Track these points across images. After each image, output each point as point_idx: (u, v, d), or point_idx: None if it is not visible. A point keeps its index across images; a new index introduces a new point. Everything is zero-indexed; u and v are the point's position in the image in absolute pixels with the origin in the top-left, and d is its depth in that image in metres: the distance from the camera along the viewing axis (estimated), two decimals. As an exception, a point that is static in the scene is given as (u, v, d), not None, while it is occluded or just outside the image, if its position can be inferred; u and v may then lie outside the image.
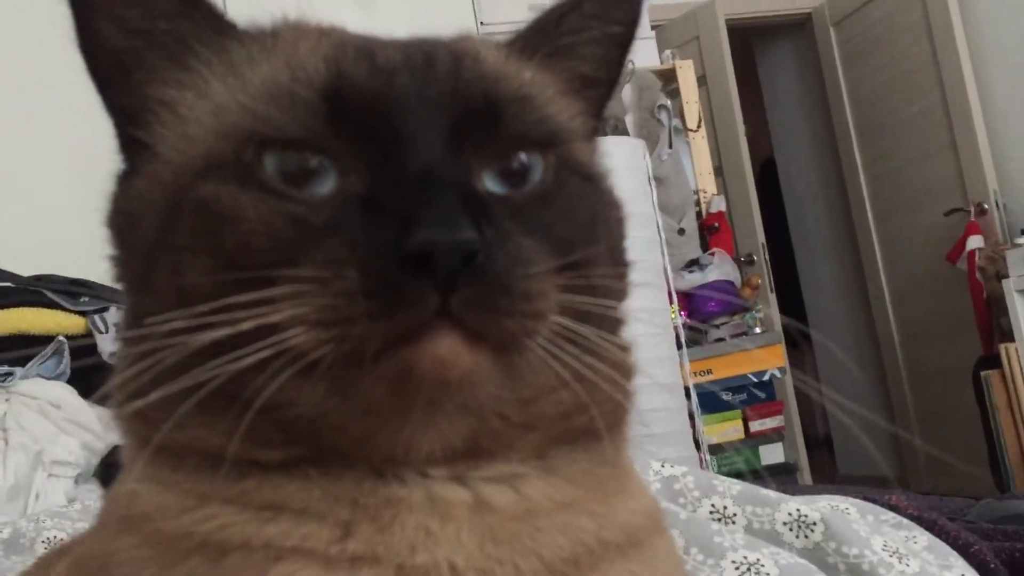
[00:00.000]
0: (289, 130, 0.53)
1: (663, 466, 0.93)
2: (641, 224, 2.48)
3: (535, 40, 0.63)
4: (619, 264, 0.62)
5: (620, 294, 0.61)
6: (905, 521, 0.89)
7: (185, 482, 0.53)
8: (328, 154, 0.53)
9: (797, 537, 0.82)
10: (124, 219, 0.58)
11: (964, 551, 0.84)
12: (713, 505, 0.87)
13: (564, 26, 0.64)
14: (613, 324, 0.59)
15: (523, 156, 0.56)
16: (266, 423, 0.50)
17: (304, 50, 0.57)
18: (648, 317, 2.42)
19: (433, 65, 0.56)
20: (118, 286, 0.60)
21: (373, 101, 0.53)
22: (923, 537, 0.85)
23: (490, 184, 0.55)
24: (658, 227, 2.51)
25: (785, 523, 0.83)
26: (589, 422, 0.55)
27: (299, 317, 0.48)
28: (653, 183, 2.55)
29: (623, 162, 2.48)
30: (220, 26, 0.60)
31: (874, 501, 0.94)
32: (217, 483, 0.52)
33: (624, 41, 0.66)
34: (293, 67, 0.55)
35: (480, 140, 0.55)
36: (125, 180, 0.59)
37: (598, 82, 0.66)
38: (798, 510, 0.83)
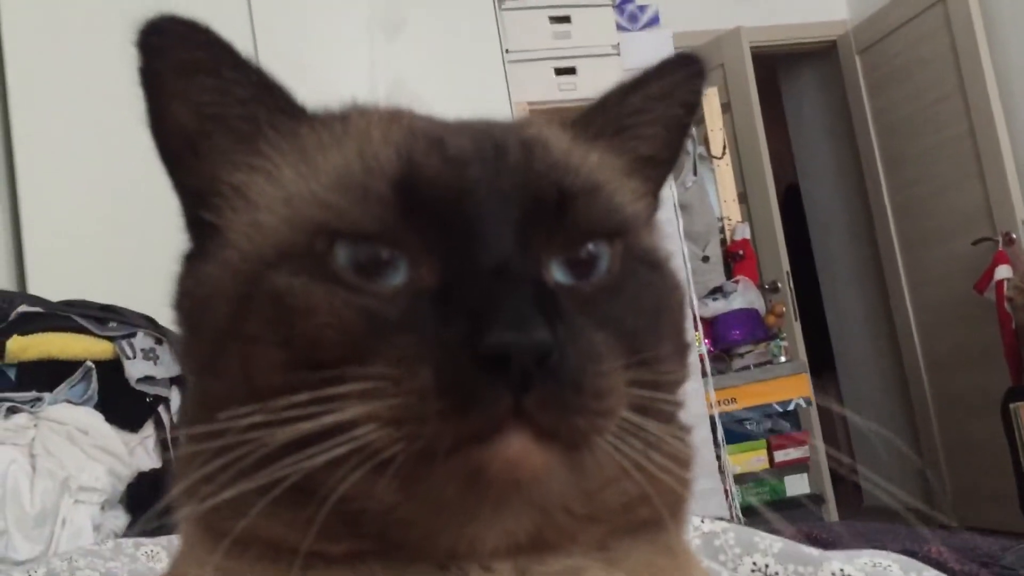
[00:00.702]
0: (362, 223, 0.52)
1: (703, 521, 0.92)
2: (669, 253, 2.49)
3: (599, 120, 0.64)
4: (681, 349, 0.61)
5: (682, 380, 0.61)
6: (949, 580, 0.88)
7: (248, 573, 0.52)
8: (400, 247, 0.52)
9: (841, 598, 0.81)
10: (192, 303, 0.57)
11: (1009, 611, 0.83)
12: (755, 563, 0.86)
13: (628, 106, 0.65)
14: (674, 412, 0.59)
15: (591, 246, 0.56)
16: (334, 517, 0.49)
17: (376, 138, 0.57)
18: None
19: (504, 155, 0.55)
20: (183, 368, 0.61)
21: (445, 194, 0.53)
22: (969, 597, 0.84)
23: (558, 275, 0.55)
24: (683, 256, 2.49)
25: (829, 582, 0.82)
26: (651, 512, 0.55)
27: (371, 414, 0.47)
28: (678, 210, 2.54)
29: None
30: (293, 110, 0.60)
31: (913, 554, 0.92)
32: (280, 574, 0.51)
33: (686, 123, 0.67)
34: (365, 157, 0.55)
35: (550, 230, 0.54)
36: (193, 262, 0.59)
37: (659, 163, 0.66)
38: (841, 570, 0.81)
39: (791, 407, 3.75)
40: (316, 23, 3.21)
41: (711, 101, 4.07)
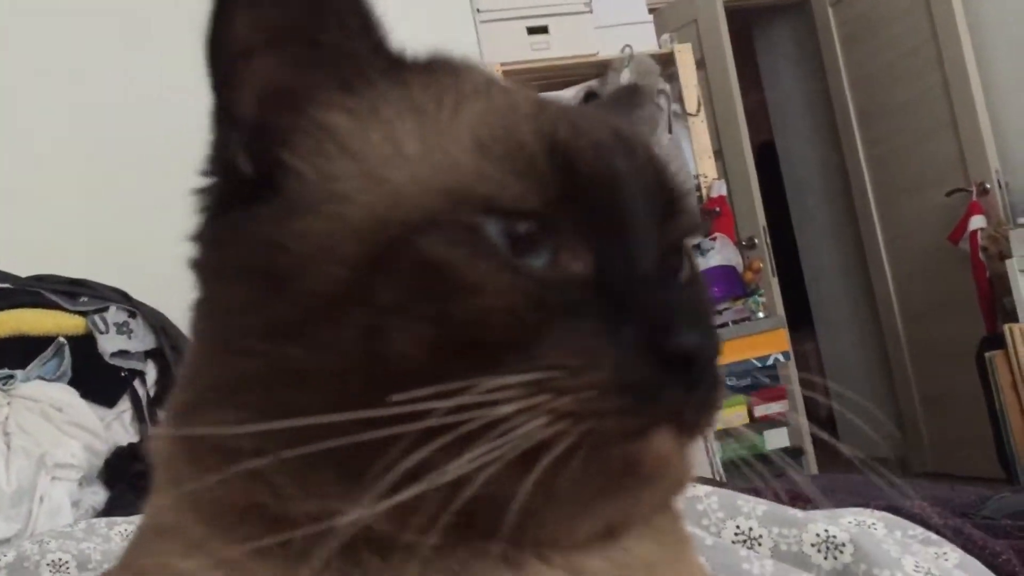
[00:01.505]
0: (525, 200, 0.49)
1: None
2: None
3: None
4: None
5: None
6: (934, 536, 0.87)
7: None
8: (552, 229, 0.50)
9: (826, 559, 0.80)
10: (277, 257, 0.49)
11: (993, 564, 0.83)
12: (738, 527, 0.85)
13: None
14: None
15: (687, 243, 0.58)
16: (431, 502, 0.47)
17: (506, 106, 0.53)
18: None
19: (633, 149, 0.54)
20: (216, 329, 0.52)
21: (598, 181, 0.51)
22: (954, 554, 0.83)
23: None
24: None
25: (813, 544, 0.81)
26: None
27: (551, 407, 0.45)
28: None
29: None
30: (391, 52, 0.55)
31: (897, 511, 0.92)
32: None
33: None
34: (504, 126, 0.51)
35: (670, 228, 0.54)
36: (257, 208, 0.51)
37: None
38: (826, 531, 0.81)
39: (770, 362, 3.77)
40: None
41: (685, 58, 4.03)
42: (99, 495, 2.23)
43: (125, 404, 2.42)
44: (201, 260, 0.54)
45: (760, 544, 0.83)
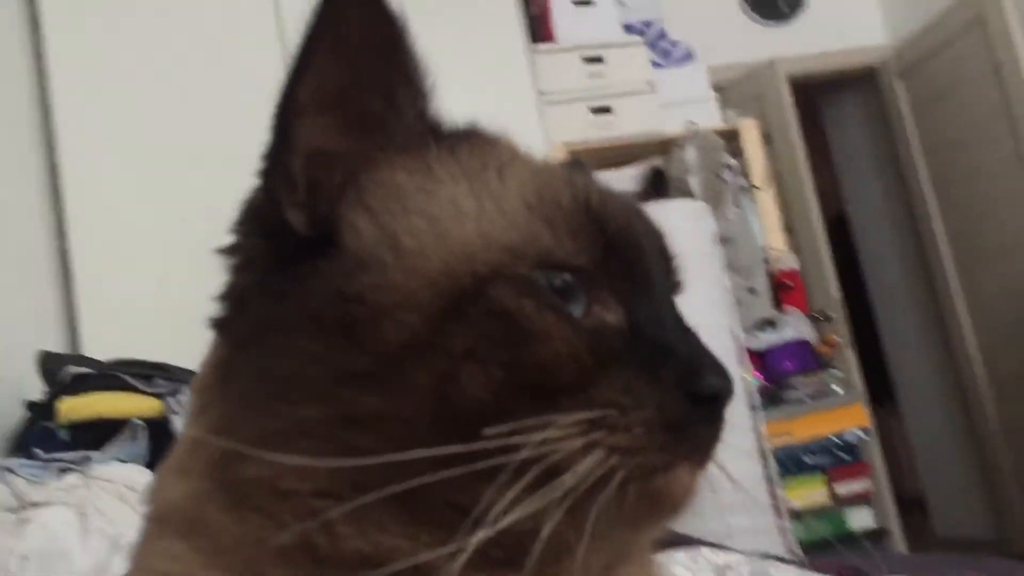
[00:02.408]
0: (577, 257, 0.55)
1: (716, 554, 0.89)
2: (707, 286, 2.44)
3: None
4: None
5: None
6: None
7: None
8: (590, 283, 0.55)
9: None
10: (352, 309, 0.52)
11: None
12: None
13: None
14: None
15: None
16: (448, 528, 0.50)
17: (544, 173, 0.59)
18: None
19: (645, 217, 0.62)
20: (257, 380, 0.54)
21: (628, 241, 0.57)
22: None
23: None
24: (725, 288, 2.46)
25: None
26: None
27: (604, 442, 0.50)
28: (719, 244, 2.51)
29: (687, 224, 2.45)
30: (443, 122, 0.60)
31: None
32: None
33: None
34: (547, 190, 0.57)
35: (671, 287, 0.62)
36: (322, 264, 0.54)
37: None
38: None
39: (849, 439, 3.66)
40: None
41: (750, 132, 4.04)
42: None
43: (198, 484, 2.45)
44: (250, 315, 0.55)
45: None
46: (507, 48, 3.43)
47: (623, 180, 3.89)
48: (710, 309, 2.41)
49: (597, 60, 3.85)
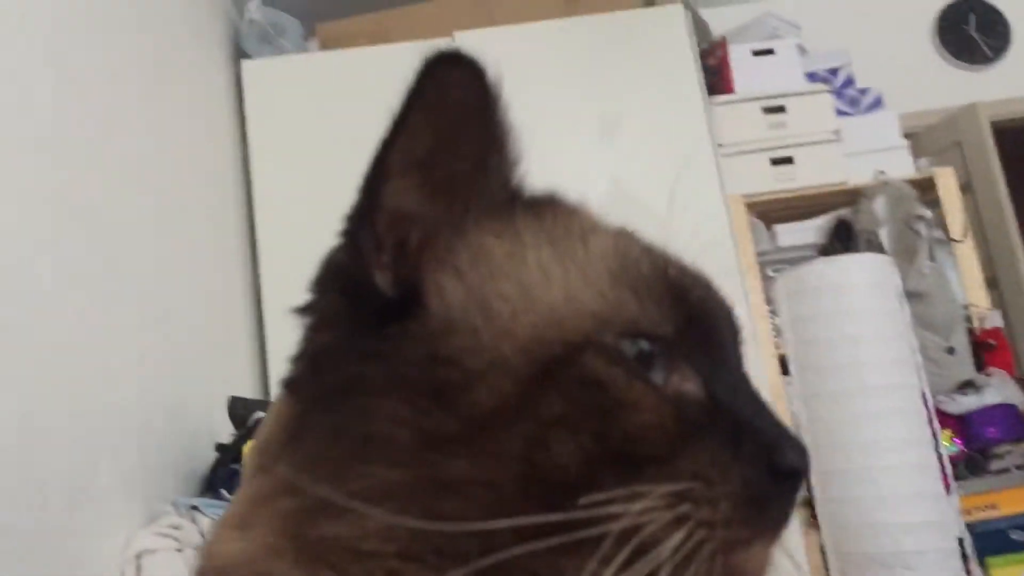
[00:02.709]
0: (661, 327, 0.55)
1: None
2: (893, 345, 2.29)
3: None
4: None
5: None
6: None
7: None
8: (671, 353, 0.55)
9: None
10: (430, 372, 0.52)
11: None
12: None
13: None
14: None
15: None
16: None
17: (621, 242, 0.59)
18: (903, 447, 2.20)
19: (712, 286, 0.62)
20: (337, 442, 0.53)
21: (703, 312, 0.58)
22: None
23: None
24: (912, 348, 2.30)
25: None
26: None
27: (693, 515, 0.49)
28: (904, 301, 2.35)
29: (870, 279, 2.32)
30: (524, 188, 0.61)
31: None
32: None
33: None
34: (627, 259, 0.57)
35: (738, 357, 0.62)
36: (410, 325, 0.54)
37: None
38: None
39: (1064, 514, 3.32)
40: (529, 128, 3.30)
41: (947, 182, 3.80)
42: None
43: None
44: (329, 375, 0.55)
45: None
46: (684, 101, 3.40)
47: (806, 233, 3.75)
48: (896, 369, 2.25)
49: (778, 110, 3.74)
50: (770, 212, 3.74)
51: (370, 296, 0.55)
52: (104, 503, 1.66)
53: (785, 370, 2.71)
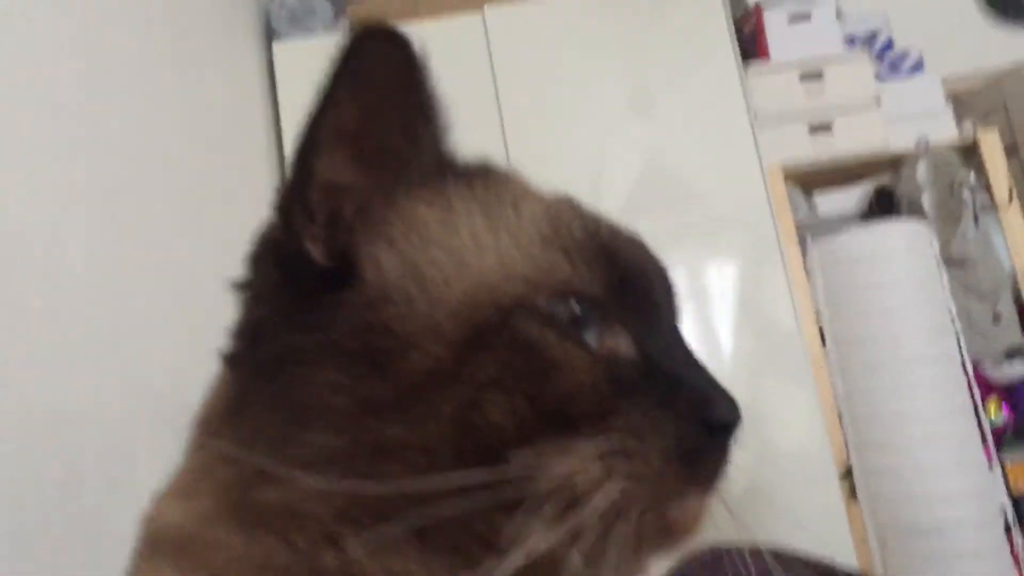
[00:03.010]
0: (592, 288, 0.56)
1: None
2: (930, 312, 2.25)
3: None
4: None
5: None
6: None
7: None
8: (602, 314, 0.56)
9: None
10: (365, 340, 0.53)
11: None
12: None
13: None
14: None
15: None
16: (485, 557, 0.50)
17: (555, 207, 0.61)
18: (942, 418, 2.16)
19: (646, 248, 0.63)
20: (277, 411, 0.54)
21: (638, 273, 0.60)
22: None
23: None
24: (952, 316, 2.26)
25: None
26: None
27: (622, 468, 0.51)
28: (943, 268, 2.30)
29: (907, 246, 2.27)
30: (455, 157, 0.63)
31: None
32: None
33: None
34: (560, 223, 0.59)
35: (673, 316, 0.64)
36: (345, 295, 0.55)
37: None
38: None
39: (1116, 483, 3.24)
40: (565, 114, 3.28)
41: (992, 145, 3.71)
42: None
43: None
44: (267, 347, 0.56)
45: None
46: (719, 69, 3.35)
47: (846, 201, 3.69)
48: (934, 338, 2.21)
49: (816, 76, 3.67)
50: (809, 181, 3.68)
51: (304, 268, 0.56)
52: (142, 491, 1.68)
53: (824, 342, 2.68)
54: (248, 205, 2.92)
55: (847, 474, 2.61)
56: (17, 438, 1.36)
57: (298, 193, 0.57)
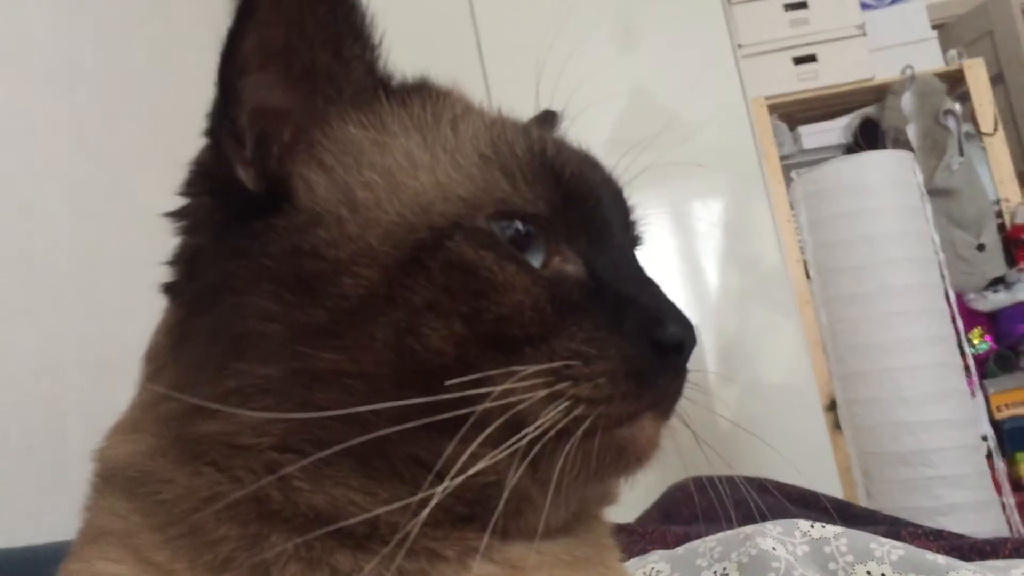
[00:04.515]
0: (534, 206, 0.54)
1: (812, 527, 0.81)
2: (913, 242, 2.25)
3: None
4: None
5: None
6: None
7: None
8: (547, 233, 0.54)
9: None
10: (307, 264, 0.51)
11: None
12: (869, 572, 0.75)
13: None
14: None
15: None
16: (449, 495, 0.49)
17: (498, 124, 0.59)
18: (924, 347, 2.18)
19: (601, 168, 0.61)
20: (212, 339, 0.53)
21: (585, 191, 0.57)
22: None
23: None
24: (935, 246, 2.26)
25: (957, 596, 0.69)
26: None
27: (567, 392, 0.49)
28: (926, 198, 2.30)
29: (889, 177, 2.26)
30: (391, 77, 0.60)
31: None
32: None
33: None
34: (501, 141, 0.57)
35: (630, 238, 0.63)
36: (277, 220, 0.53)
37: None
38: (974, 581, 0.69)
39: (1095, 408, 3.29)
40: (546, 43, 3.23)
41: (977, 74, 3.68)
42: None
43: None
44: (202, 276, 0.55)
45: (894, 593, 0.72)
46: (703, 2, 3.30)
47: (831, 133, 3.67)
48: (917, 268, 2.22)
49: (800, 6, 3.62)
50: (793, 113, 3.66)
51: (235, 193, 0.54)
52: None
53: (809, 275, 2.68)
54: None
55: (831, 406, 2.64)
56: (1, 385, 1.35)
57: (224, 116, 0.54)
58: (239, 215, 0.54)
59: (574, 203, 0.56)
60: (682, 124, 3.08)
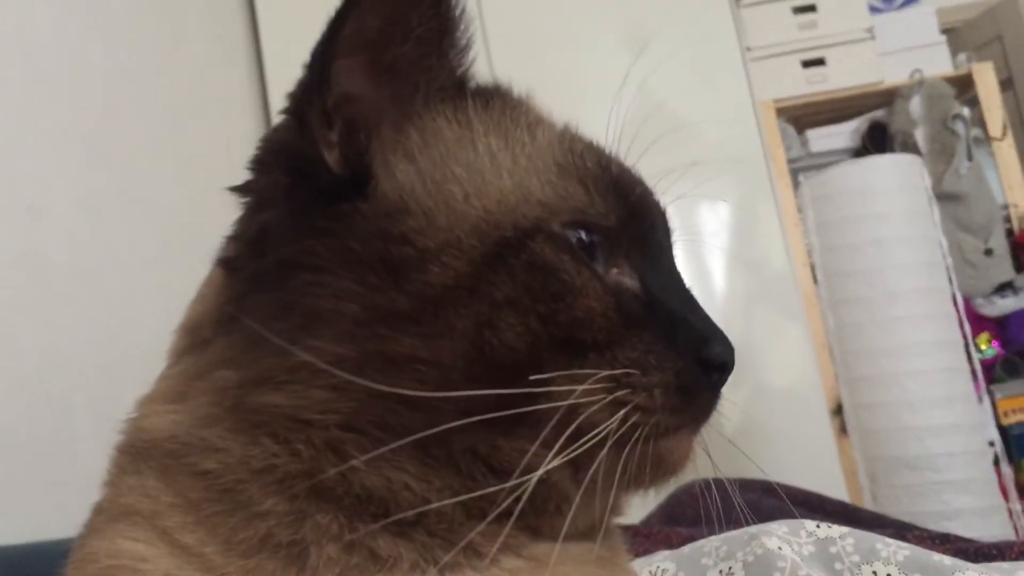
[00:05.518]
0: (607, 218, 0.57)
1: (818, 526, 0.81)
2: (921, 246, 2.24)
3: None
4: None
5: None
6: None
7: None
8: (612, 246, 0.56)
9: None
10: (383, 250, 0.52)
11: None
12: (875, 573, 0.75)
13: None
14: None
15: None
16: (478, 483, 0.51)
17: (567, 137, 0.61)
18: (931, 351, 2.17)
19: (647, 185, 0.63)
20: (283, 316, 0.52)
21: (645, 212, 0.60)
22: None
23: None
24: (943, 251, 2.25)
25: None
26: None
27: (625, 399, 0.52)
28: (934, 202, 2.29)
29: (897, 181, 2.26)
30: (473, 77, 0.62)
31: None
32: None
33: None
34: (574, 153, 0.59)
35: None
36: (363, 205, 0.53)
37: None
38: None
39: (1104, 415, 3.28)
40: (554, 43, 3.23)
41: (986, 78, 3.67)
42: None
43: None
44: (272, 253, 0.54)
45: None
46: (711, 3, 3.30)
47: (839, 137, 3.66)
48: (924, 272, 2.21)
49: (809, 9, 3.62)
50: (802, 117, 3.65)
51: (318, 174, 0.55)
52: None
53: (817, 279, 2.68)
54: (233, 142, 2.89)
55: (838, 410, 2.63)
56: (9, 384, 1.36)
57: (314, 97, 0.55)
58: (318, 196, 0.54)
59: (635, 220, 0.58)
60: (689, 126, 3.08)
